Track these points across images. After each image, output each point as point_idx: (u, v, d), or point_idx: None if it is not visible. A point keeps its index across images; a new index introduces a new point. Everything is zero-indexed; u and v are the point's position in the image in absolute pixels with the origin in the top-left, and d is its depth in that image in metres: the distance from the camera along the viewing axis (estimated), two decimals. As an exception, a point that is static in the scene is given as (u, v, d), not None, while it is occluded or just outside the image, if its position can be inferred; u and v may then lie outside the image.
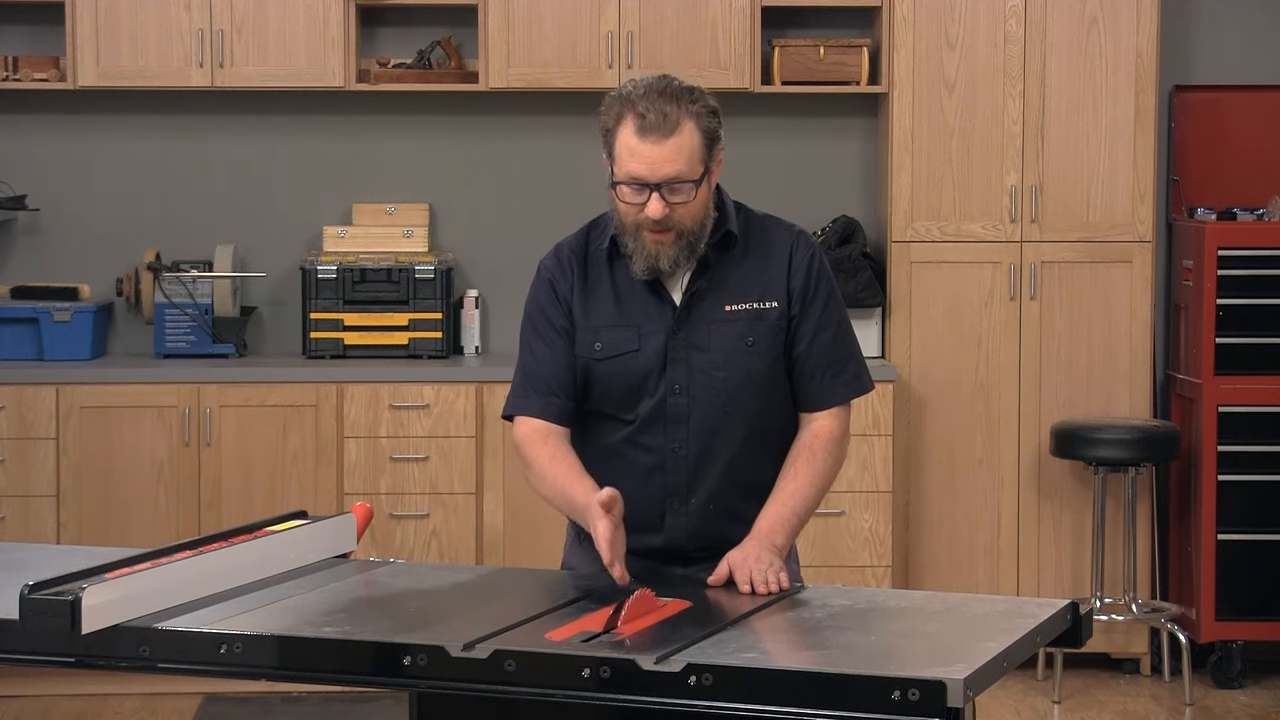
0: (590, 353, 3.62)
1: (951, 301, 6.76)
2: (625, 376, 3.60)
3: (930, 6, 6.72)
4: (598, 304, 3.63)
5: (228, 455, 6.55)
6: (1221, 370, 6.68)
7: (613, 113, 3.52)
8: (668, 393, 3.59)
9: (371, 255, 6.87)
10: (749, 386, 3.60)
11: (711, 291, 3.61)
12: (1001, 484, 6.77)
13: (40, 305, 6.75)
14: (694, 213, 3.53)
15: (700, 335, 3.60)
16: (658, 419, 3.60)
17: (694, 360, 3.59)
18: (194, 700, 6.46)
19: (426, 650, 3.00)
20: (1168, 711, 6.47)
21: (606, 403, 3.63)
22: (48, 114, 7.01)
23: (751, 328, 3.60)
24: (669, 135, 3.46)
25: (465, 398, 6.56)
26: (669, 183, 3.47)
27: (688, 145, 3.48)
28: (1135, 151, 6.74)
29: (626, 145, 3.48)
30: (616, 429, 3.63)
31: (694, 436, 3.60)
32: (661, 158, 3.46)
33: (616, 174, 3.52)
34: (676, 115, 3.47)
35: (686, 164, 3.48)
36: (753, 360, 3.60)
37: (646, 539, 3.58)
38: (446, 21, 6.99)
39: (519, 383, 3.68)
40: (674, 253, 3.54)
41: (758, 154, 6.99)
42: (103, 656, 3.14)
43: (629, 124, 3.48)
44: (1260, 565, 6.70)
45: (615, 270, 3.64)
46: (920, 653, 3.11)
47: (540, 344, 3.65)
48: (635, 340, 3.60)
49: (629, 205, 3.51)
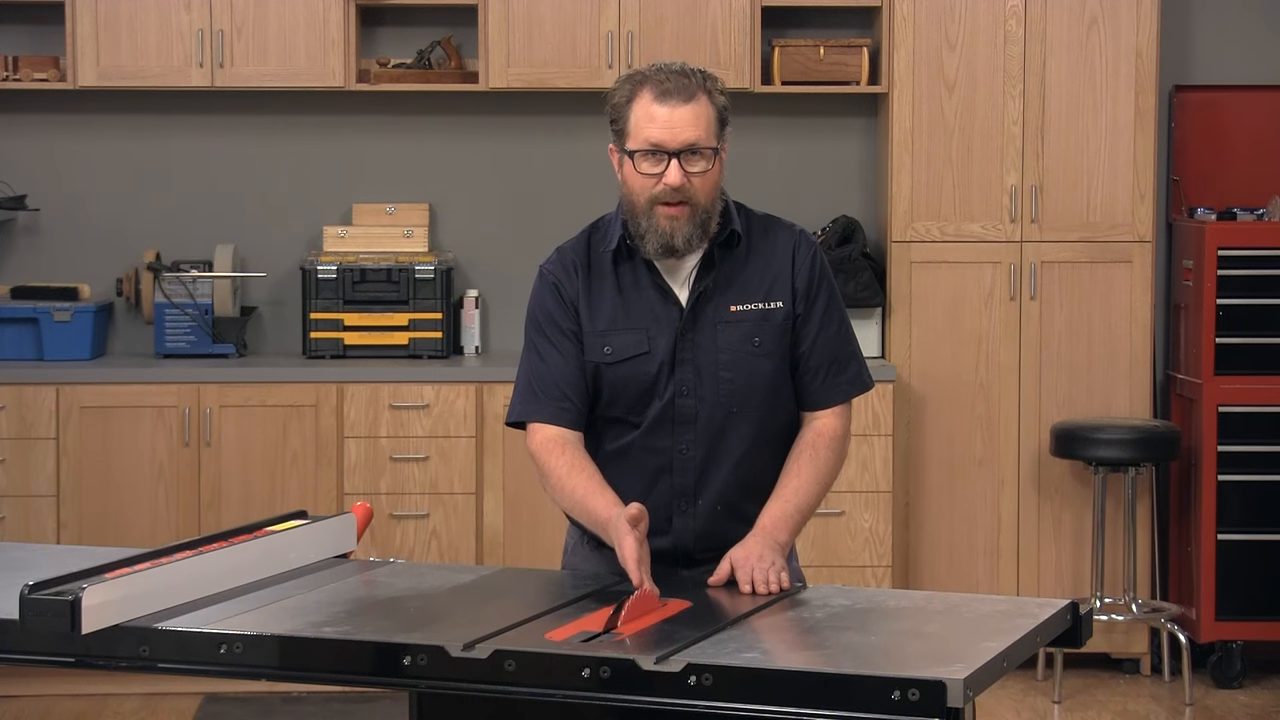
0: (600, 357, 3.60)
1: (951, 301, 6.76)
2: (635, 379, 3.59)
3: (930, 6, 6.72)
4: (604, 307, 3.61)
5: (228, 455, 6.55)
6: (1221, 370, 6.68)
7: (626, 89, 3.53)
8: (676, 394, 3.58)
9: (371, 255, 6.87)
10: (755, 387, 3.60)
11: (717, 292, 3.60)
12: (1001, 484, 6.77)
13: (40, 305, 6.75)
14: (708, 187, 3.53)
15: (707, 336, 3.59)
16: (666, 421, 3.59)
17: (702, 361, 3.59)
18: (194, 700, 6.46)
19: (426, 650, 3.00)
20: (1168, 711, 6.47)
21: (615, 406, 3.62)
22: (48, 114, 7.01)
23: (758, 328, 3.60)
24: (688, 101, 3.49)
25: (465, 398, 6.56)
26: (688, 149, 3.48)
27: (705, 114, 3.50)
28: (1135, 151, 6.74)
29: (645, 112, 3.49)
30: (624, 432, 3.62)
31: (701, 438, 3.59)
32: (681, 122, 3.48)
33: (632, 144, 3.51)
34: (693, 86, 3.51)
35: (704, 131, 3.49)
36: (759, 361, 3.60)
37: (654, 542, 3.55)
38: (446, 21, 6.99)
39: (525, 388, 3.65)
40: (688, 230, 3.53)
41: (758, 154, 6.99)
42: (103, 656, 3.14)
43: (647, 93, 3.50)
44: (1260, 565, 6.70)
45: (620, 273, 3.62)
46: (920, 653, 3.11)
47: (549, 348, 3.62)
48: (645, 343, 3.59)
49: (645, 176, 3.51)
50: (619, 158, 3.56)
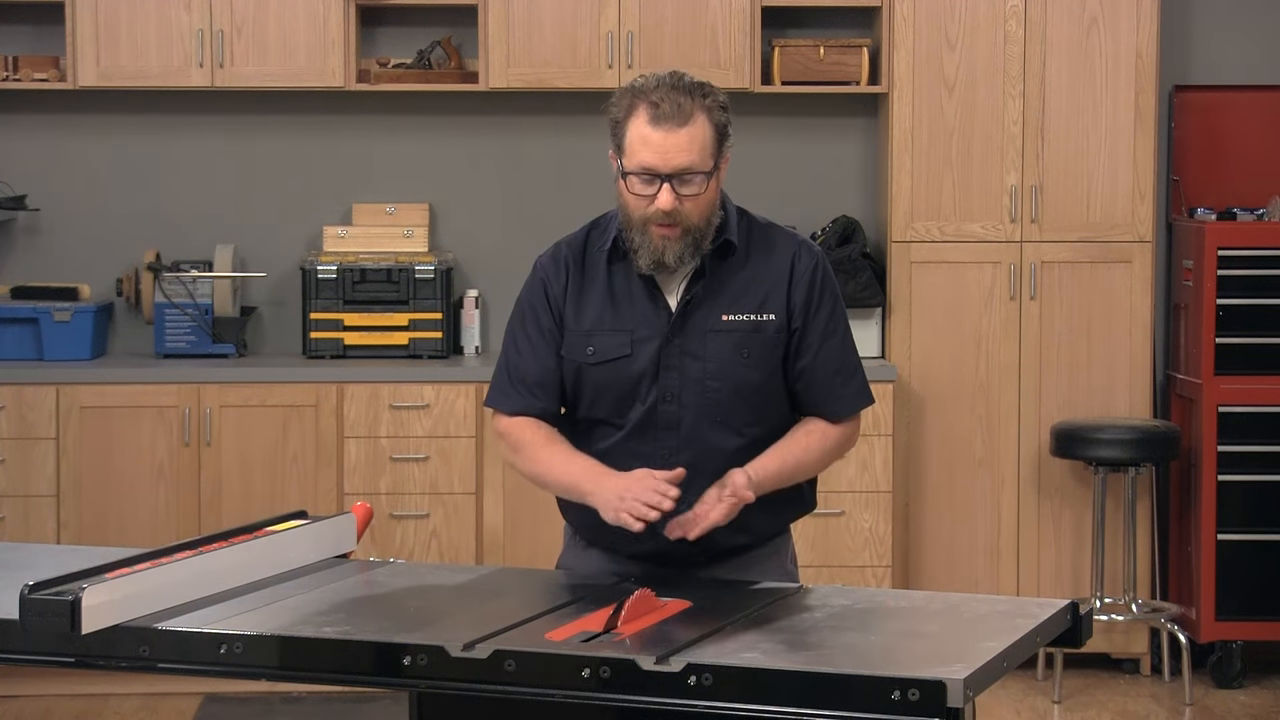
0: (582, 357, 3.59)
1: (951, 301, 6.76)
2: (617, 382, 3.58)
3: (930, 6, 6.72)
4: (592, 307, 3.61)
5: (228, 455, 6.55)
6: (1221, 370, 6.68)
7: (624, 104, 3.49)
8: (659, 400, 3.57)
9: (371, 255, 6.87)
10: (742, 398, 3.58)
11: (708, 299, 3.58)
12: (1001, 484, 6.77)
13: (40, 305, 6.75)
14: (702, 208, 3.50)
15: (695, 344, 3.57)
16: (649, 425, 3.58)
17: (688, 369, 3.57)
18: (194, 700, 6.46)
19: (426, 650, 3.00)
20: (1168, 711, 6.47)
21: (598, 408, 3.61)
22: (48, 114, 7.01)
23: (748, 340, 3.58)
24: (682, 125, 3.45)
25: (465, 398, 6.56)
26: (681, 173, 3.45)
27: (700, 136, 3.46)
28: (1135, 152, 6.74)
29: (639, 135, 3.46)
30: (608, 434, 3.61)
31: (684, 444, 3.57)
32: (674, 147, 3.45)
33: (626, 165, 3.49)
34: (690, 106, 3.46)
35: (699, 155, 3.46)
36: (748, 372, 3.58)
37: (640, 544, 3.56)
38: (446, 21, 6.99)
39: (502, 377, 3.67)
40: (680, 249, 3.51)
41: (758, 154, 6.99)
42: (103, 656, 3.14)
43: (642, 114, 3.46)
44: (1260, 565, 6.70)
45: (613, 273, 3.61)
46: (920, 653, 3.11)
47: (525, 341, 3.64)
48: (628, 346, 3.57)
49: (638, 198, 3.49)
50: (617, 167, 3.54)
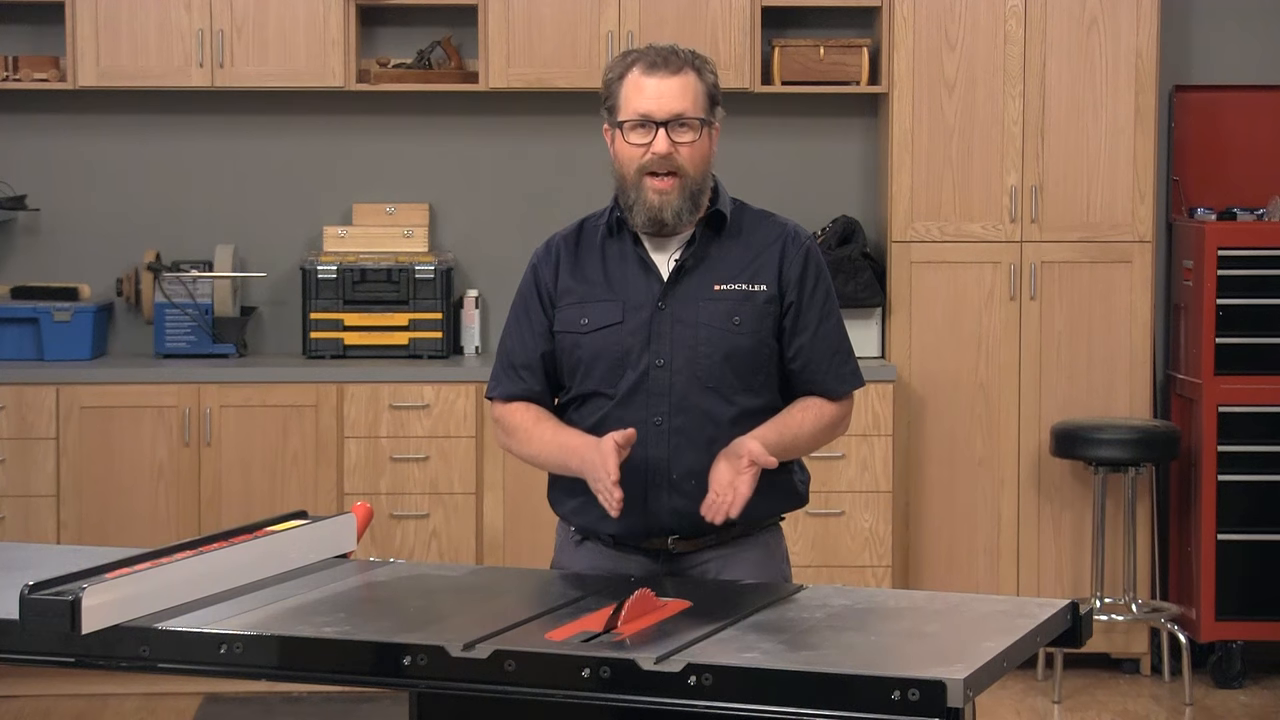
0: (577, 327, 3.66)
1: (951, 301, 6.76)
2: (609, 349, 3.64)
3: (930, 6, 6.72)
4: (586, 280, 3.69)
5: (228, 455, 6.55)
6: (1221, 370, 6.68)
7: (617, 68, 3.64)
8: (650, 365, 3.62)
9: (371, 255, 6.87)
10: (732, 364, 3.63)
11: (700, 270, 3.65)
12: (1001, 484, 6.77)
13: (40, 305, 6.75)
14: (697, 159, 3.60)
15: (687, 310, 3.63)
16: (640, 392, 3.63)
17: (678, 334, 3.63)
18: (194, 700, 6.46)
19: (426, 650, 3.00)
20: (1168, 711, 6.47)
21: (590, 378, 3.66)
22: (48, 114, 7.01)
23: (738, 308, 3.64)
24: (676, 73, 3.58)
25: (465, 398, 6.56)
26: (676, 119, 3.57)
27: (693, 87, 3.59)
28: (1135, 152, 6.74)
29: (634, 84, 3.59)
30: (600, 405, 3.65)
31: (674, 410, 3.62)
32: (669, 92, 3.57)
33: (622, 115, 3.60)
34: (681, 62, 3.61)
35: (692, 103, 3.58)
36: (738, 339, 3.63)
37: (630, 520, 3.58)
38: (446, 21, 6.99)
39: (497, 365, 3.78)
40: (677, 203, 3.59)
41: (758, 154, 6.99)
42: (103, 656, 3.14)
43: (636, 68, 3.60)
44: (1260, 565, 6.70)
45: (607, 247, 3.70)
46: (920, 653, 3.11)
47: (516, 329, 3.75)
48: (619, 313, 3.64)
49: (634, 146, 3.58)
50: (611, 134, 3.64)
